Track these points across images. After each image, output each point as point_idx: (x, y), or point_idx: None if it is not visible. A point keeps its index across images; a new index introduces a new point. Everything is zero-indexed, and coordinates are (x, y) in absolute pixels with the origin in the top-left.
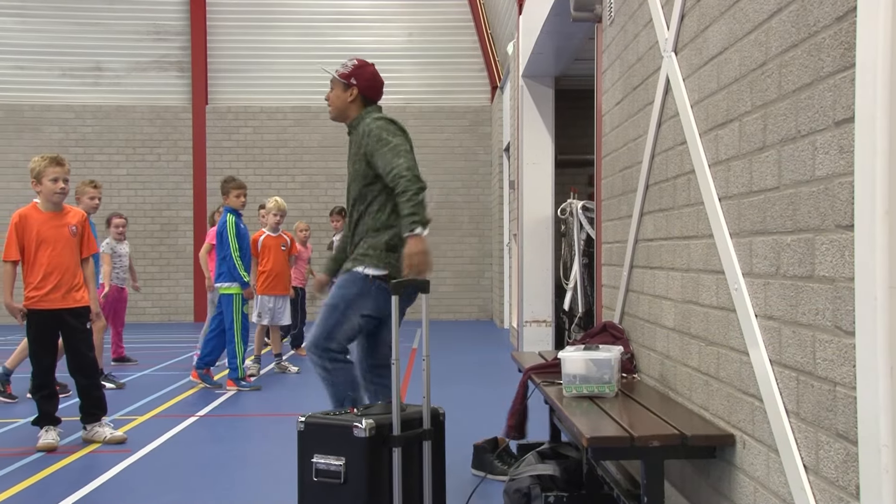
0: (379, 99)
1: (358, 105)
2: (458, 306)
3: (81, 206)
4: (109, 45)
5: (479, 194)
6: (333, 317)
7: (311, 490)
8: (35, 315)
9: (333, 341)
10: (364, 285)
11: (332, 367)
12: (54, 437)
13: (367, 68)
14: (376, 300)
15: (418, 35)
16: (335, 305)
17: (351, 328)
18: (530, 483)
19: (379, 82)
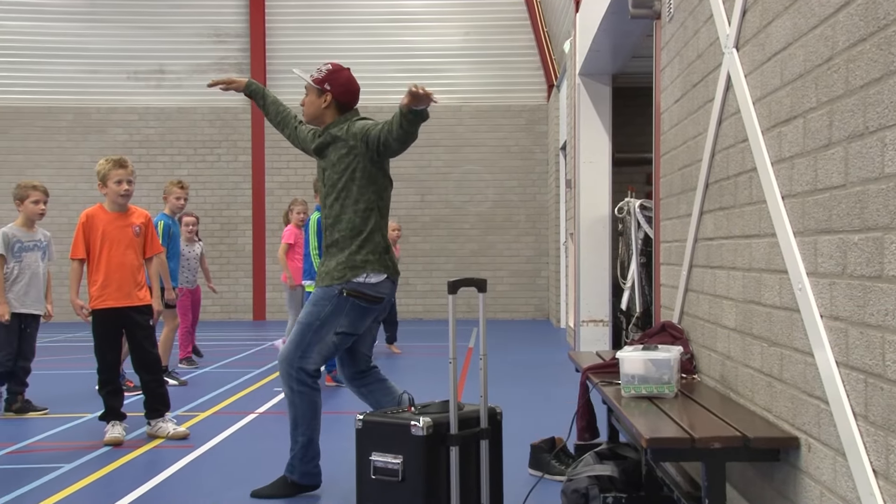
0: (354, 104)
1: (333, 111)
2: (515, 305)
3: (168, 205)
4: (172, 48)
5: (535, 193)
6: (308, 335)
7: (370, 487)
8: (100, 314)
9: (307, 360)
10: (338, 302)
11: (297, 389)
12: (120, 431)
13: (341, 73)
14: (350, 316)
15: (475, 34)
16: (309, 324)
17: (326, 346)
18: (588, 483)
19: (354, 88)
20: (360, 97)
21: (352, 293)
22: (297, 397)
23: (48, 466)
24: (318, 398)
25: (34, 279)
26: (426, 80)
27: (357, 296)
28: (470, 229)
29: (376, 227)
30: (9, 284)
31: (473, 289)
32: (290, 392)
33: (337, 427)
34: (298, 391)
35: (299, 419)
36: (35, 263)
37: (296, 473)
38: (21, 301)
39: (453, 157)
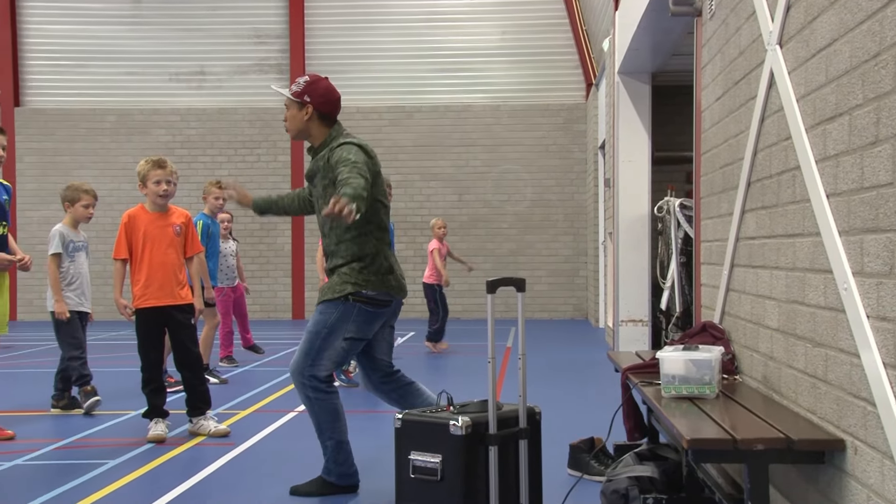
0: (336, 113)
1: (316, 123)
2: (553, 305)
3: (207, 205)
4: (213, 49)
5: (573, 192)
6: (316, 343)
7: (409, 486)
8: (142, 313)
9: (318, 367)
10: (345, 308)
11: (313, 397)
12: (163, 429)
13: (319, 83)
14: (357, 321)
15: (512, 33)
16: (317, 332)
17: (335, 353)
18: (628, 484)
19: (334, 97)
20: (340, 107)
21: (358, 298)
22: (314, 405)
23: (94, 462)
24: (336, 401)
25: (85, 279)
26: (464, 80)
27: (363, 301)
28: (508, 229)
29: (376, 250)
30: (66, 284)
31: (511, 288)
32: (308, 401)
33: (374, 426)
34: (315, 398)
35: (322, 425)
36: (83, 263)
37: (332, 475)
38: (79, 301)
39: (491, 157)
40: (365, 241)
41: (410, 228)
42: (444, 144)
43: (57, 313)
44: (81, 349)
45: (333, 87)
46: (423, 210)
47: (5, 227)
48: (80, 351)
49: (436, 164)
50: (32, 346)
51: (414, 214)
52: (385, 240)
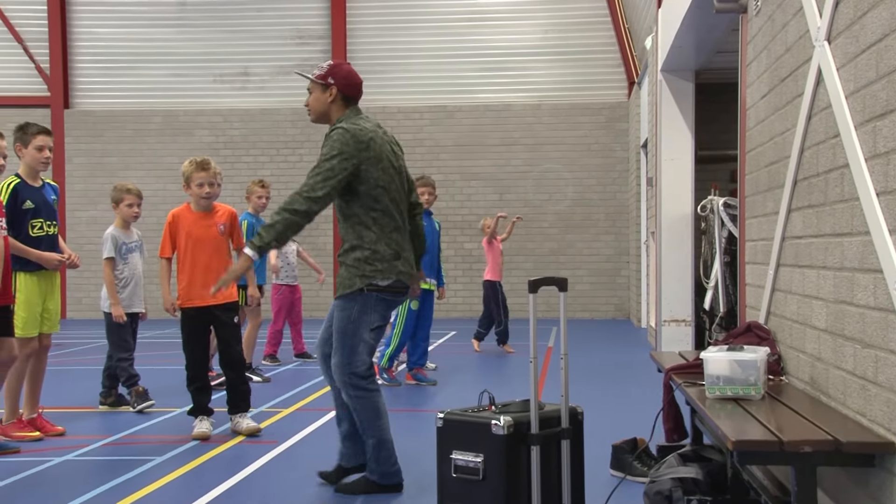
0: (358, 97)
1: (339, 105)
2: (594, 304)
3: (251, 205)
4: (256, 51)
5: (615, 191)
6: (348, 340)
7: (451, 485)
8: (187, 312)
9: (355, 364)
10: (363, 300)
11: (354, 395)
12: (207, 426)
13: (342, 67)
14: (377, 309)
15: (554, 31)
16: (344, 330)
17: (367, 344)
18: (672, 486)
19: (356, 80)
20: (362, 90)
21: (372, 288)
22: (356, 403)
23: (140, 459)
24: (378, 399)
25: (138, 279)
26: (505, 79)
27: (377, 290)
28: (549, 228)
29: (377, 237)
30: (119, 286)
31: (553, 288)
32: (349, 399)
33: (416, 425)
34: (356, 396)
35: (364, 423)
36: (136, 264)
37: (375, 474)
38: (130, 302)
39: (532, 156)
40: (362, 232)
41: (451, 228)
42: (485, 144)
43: (114, 317)
44: (129, 351)
45: (356, 72)
46: (463, 210)
47: (55, 226)
48: (128, 353)
49: (476, 163)
50: (82, 343)
51: (455, 214)
52: (392, 226)
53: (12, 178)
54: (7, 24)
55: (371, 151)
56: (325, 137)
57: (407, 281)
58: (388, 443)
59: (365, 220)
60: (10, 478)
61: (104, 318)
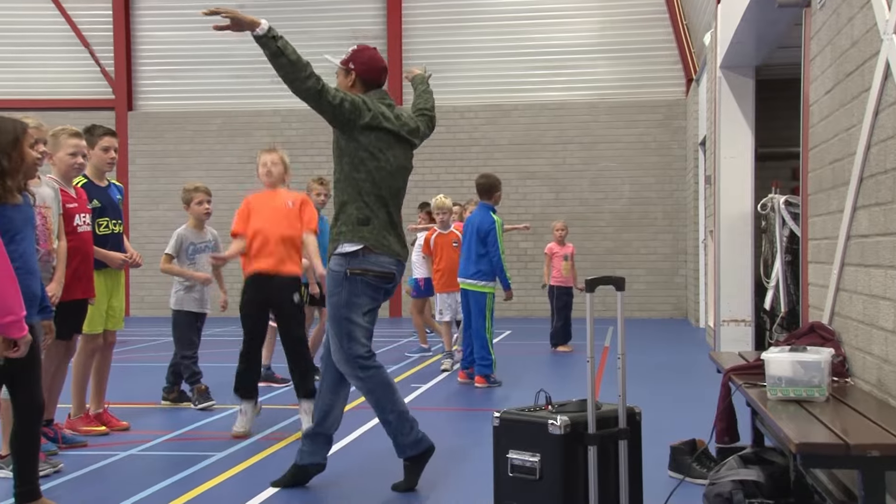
0: (380, 81)
1: (359, 90)
2: (651, 304)
3: None
4: (312, 51)
5: (672, 190)
6: (342, 327)
7: (507, 485)
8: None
9: (357, 345)
10: (349, 284)
11: (362, 376)
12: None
13: (364, 52)
14: (365, 292)
15: (611, 29)
16: (335, 316)
17: (361, 329)
18: (732, 488)
19: (378, 65)
20: (386, 76)
21: (356, 272)
22: (366, 384)
23: (201, 454)
24: (385, 374)
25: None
26: (561, 77)
27: (362, 273)
28: (605, 227)
29: (350, 199)
30: (186, 287)
31: (609, 287)
32: (359, 382)
33: (471, 424)
34: (364, 377)
35: (381, 401)
36: (204, 264)
37: (406, 451)
38: (199, 303)
39: (588, 155)
40: (343, 189)
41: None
42: (541, 142)
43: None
44: (194, 349)
45: (379, 57)
46: (519, 209)
47: (119, 225)
48: (192, 351)
49: (532, 162)
50: (145, 340)
51: (510, 213)
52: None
53: (80, 179)
54: (75, 29)
55: (367, 117)
56: None
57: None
58: (407, 413)
59: (345, 179)
60: (78, 470)
61: (172, 315)
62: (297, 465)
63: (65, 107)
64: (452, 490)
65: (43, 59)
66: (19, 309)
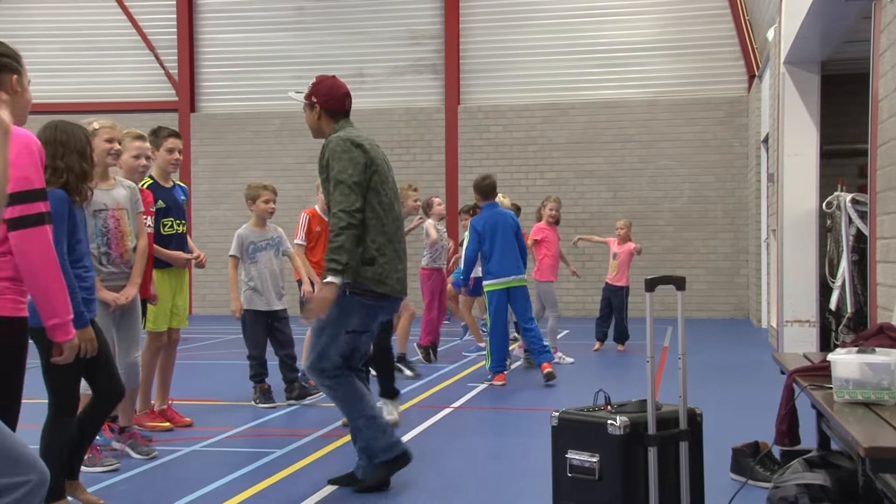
0: (344, 108)
1: (326, 120)
2: (712, 304)
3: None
4: (371, 52)
5: (734, 188)
6: (322, 339)
7: (566, 485)
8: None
9: (326, 360)
10: (344, 302)
11: (331, 384)
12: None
13: (323, 82)
14: (358, 314)
15: (671, 26)
16: (321, 328)
17: (339, 346)
18: (797, 492)
19: (338, 93)
20: (350, 101)
21: (356, 291)
22: (334, 392)
23: (263, 451)
24: (353, 381)
25: (272, 277)
26: (619, 75)
27: (361, 293)
28: (664, 226)
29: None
30: (251, 285)
31: (668, 287)
32: (328, 391)
33: (529, 424)
34: (331, 386)
35: (349, 406)
36: (269, 261)
37: (379, 456)
38: (267, 301)
39: (647, 153)
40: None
41: (563, 226)
42: (599, 141)
43: (232, 311)
44: (259, 349)
45: (339, 84)
46: (576, 207)
47: (183, 225)
48: (259, 351)
49: (590, 161)
50: (207, 338)
51: (568, 212)
52: (377, 229)
53: (146, 180)
54: (141, 33)
55: (367, 154)
56: (322, 149)
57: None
58: (378, 418)
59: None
60: (144, 466)
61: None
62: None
63: (131, 109)
64: (510, 489)
65: (110, 63)
66: (65, 312)
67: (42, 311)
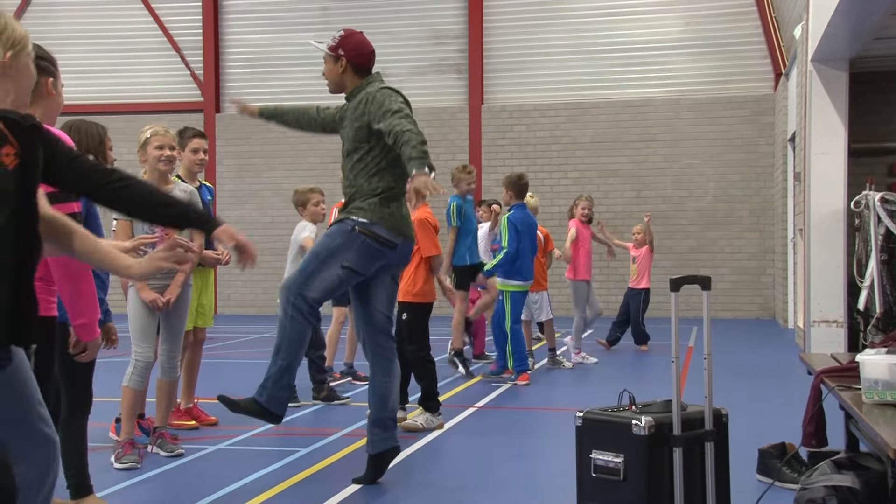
0: (369, 66)
1: (351, 75)
2: (737, 304)
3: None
4: (394, 51)
5: (759, 187)
6: (314, 264)
7: (590, 485)
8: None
9: (308, 288)
10: (349, 237)
11: (291, 314)
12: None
13: (353, 37)
14: (359, 252)
15: (695, 24)
16: (317, 253)
17: (329, 278)
18: (825, 494)
19: (367, 49)
20: (374, 59)
21: (363, 231)
22: (288, 322)
23: (288, 450)
24: (308, 330)
25: None
26: (643, 74)
27: (368, 234)
28: (689, 225)
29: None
30: None
31: (693, 287)
32: (284, 316)
33: (552, 423)
34: (291, 316)
35: (283, 344)
36: None
37: (264, 396)
38: None
39: (671, 152)
40: (382, 178)
41: None
42: (623, 140)
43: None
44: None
45: (366, 41)
46: (600, 207)
47: None
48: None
49: (614, 160)
50: (233, 337)
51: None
52: (396, 176)
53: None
54: (167, 35)
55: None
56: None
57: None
58: (292, 371)
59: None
60: (170, 464)
61: None
62: (372, 454)
63: (157, 110)
64: (533, 489)
65: (137, 64)
66: (93, 312)
67: (70, 311)
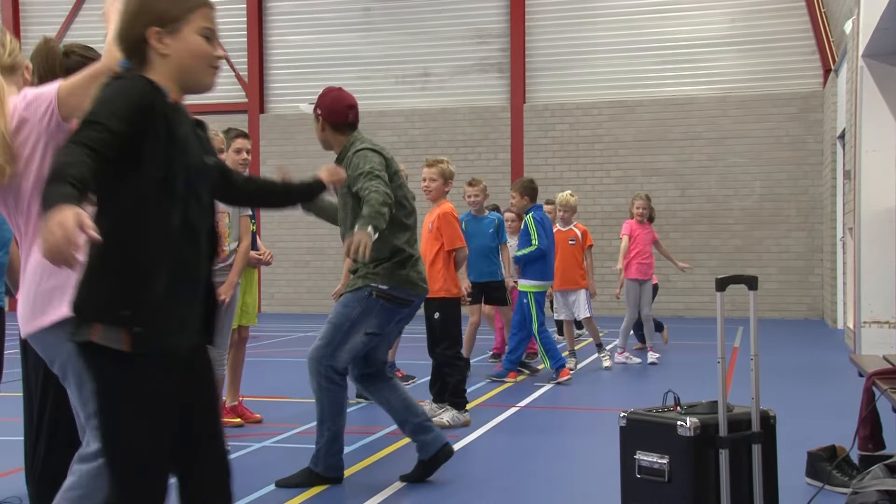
0: (347, 121)
1: (331, 133)
2: (785, 304)
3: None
4: (436, 51)
5: (807, 186)
6: (338, 336)
7: (635, 486)
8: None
9: (336, 359)
10: (368, 303)
11: (325, 386)
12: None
13: (328, 95)
14: (379, 317)
15: (741, 20)
16: (339, 325)
17: (354, 347)
18: (878, 498)
19: (338, 106)
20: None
21: (381, 295)
22: (324, 394)
23: None
24: (344, 396)
25: None
26: (688, 72)
27: (386, 298)
28: (734, 224)
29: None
30: None
31: (738, 286)
32: (319, 389)
33: (596, 424)
34: (326, 388)
35: (326, 415)
36: None
37: (320, 465)
38: None
39: (716, 150)
40: (383, 244)
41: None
42: (667, 139)
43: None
44: None
45: (343, 96)
46: None
47: (253, 225)
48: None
49: (657, 158)
50: (277, 336)
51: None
52: (405, 238)
53: None
54: None
55: (392, 167)
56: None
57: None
58: (340, 439)
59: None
60: None
61: None
62: (426, 459)
63: (202, 111)
64: (577, 489)
65: None
66: None
67: None
